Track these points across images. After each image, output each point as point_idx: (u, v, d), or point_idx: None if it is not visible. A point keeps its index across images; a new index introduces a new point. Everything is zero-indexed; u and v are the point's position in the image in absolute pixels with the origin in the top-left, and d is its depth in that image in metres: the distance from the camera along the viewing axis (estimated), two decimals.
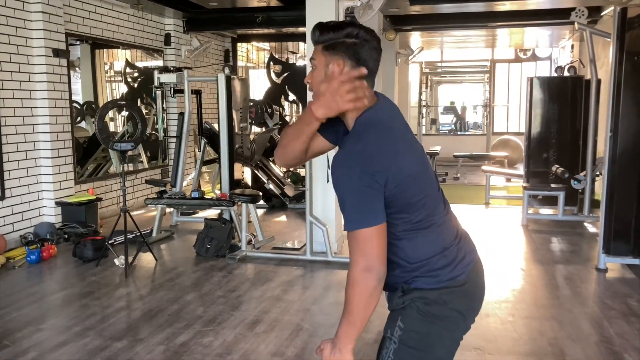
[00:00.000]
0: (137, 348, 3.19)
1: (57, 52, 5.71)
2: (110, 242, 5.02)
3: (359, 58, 1.52)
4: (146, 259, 5.01)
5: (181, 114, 6.41)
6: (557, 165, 6.63)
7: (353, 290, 1.44)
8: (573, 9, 5.96)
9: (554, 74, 8.14)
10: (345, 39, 1.52)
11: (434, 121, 16.75)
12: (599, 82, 6.21)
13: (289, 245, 5.42)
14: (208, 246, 5.10)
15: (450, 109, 17.79)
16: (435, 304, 1.54)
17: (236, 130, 6.22)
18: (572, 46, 10.29)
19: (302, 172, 7.79)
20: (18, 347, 3.19)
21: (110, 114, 8.06)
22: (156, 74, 6.15)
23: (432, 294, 1.54)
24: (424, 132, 13.67)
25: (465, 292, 1.58)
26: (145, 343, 3.25)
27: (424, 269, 1.54)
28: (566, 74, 7.26)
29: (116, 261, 4.73)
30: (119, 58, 8.14)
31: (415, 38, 11.12)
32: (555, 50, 13.11)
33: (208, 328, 3.46)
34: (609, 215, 4.58)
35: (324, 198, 5.17)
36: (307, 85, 1.60)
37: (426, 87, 14.54)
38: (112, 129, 8.11)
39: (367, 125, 1.49)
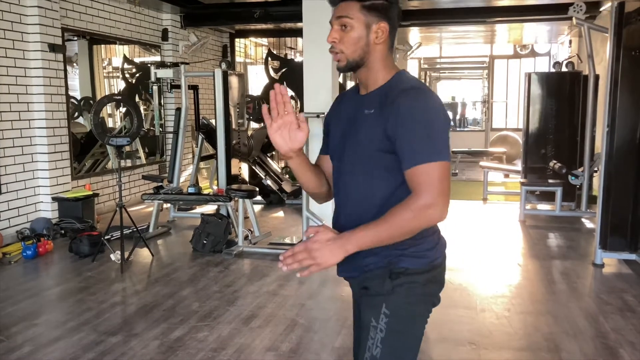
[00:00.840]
0: (131, 343, 3.18)
1: (53, 47, 5.69)
2: (106, 237, 5.02)
3: (392, 18, 1.50)
4: (142, 254, 5.01)
5: (178, 110, 6.40)
6: (554, 161, 6.62)
7: (413, 215, 1.38)
8: (571, 4, 5.94)
9: (552, 70, 8.12)
10: (384, 1, 1.48)
11: None
12: (597, 77, 6.20)
13: (286, 240, 5.41)
14: (205, 242, 5.09)
15: (449, 106, 17.78)
16: (421, 287, 1.52)
17: (233, 126, 6.20)
18: (570, 42, 10.26)
19: None
20: (13, 342, 3.19)
21: (109, 109, 8.07)
22: (153, 69, 6.14)
23: (420, 277, 1.51)
24: None
25: (439, 274, 1.59)
26: (140, 338, 3.25)
27: (414, 248, 1.50)
28: (564, 69, 7.24)
29: (112, 256, 4.73)
30: (117, 54, 8.13)
31: (414, 34, 11.09)
32: (554, 46, 13.08)
33: (203, 323, 3.45)
34: (606, 210, 4.57)
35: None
36: (330, 46, 1.53)
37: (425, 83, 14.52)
38: (110, 124, 8.11)
39: (416, 80, 1.54)
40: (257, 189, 5.63)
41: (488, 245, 5.35)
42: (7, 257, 4.87)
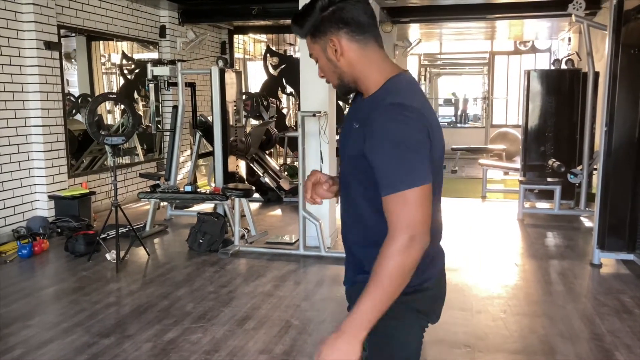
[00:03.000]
0: (124, 345, 3.16)
1: (48, 45, 5.65)
2: (102, 236, 5.00)
3: (347, 22, 1.35)
4: (138, 253, 4.99)
5: (175, 107, 6.37)
6: (553, 159, 6.59)
7: (392, 262, 1.26)
8: (571, 0, 5.89)
9: (552, 67, 8.07)
10: (322, 14, 1.36)
11: None
12: (596, 75, 6.16)
13: (286, 239, 5.38)
14: (201, 241, 5.07)
15: (450, 101, 17.72)
16: (405, 306, 1.40)
17: (231, 123, 6.17)
18: (570, 39, 10.20)
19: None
20: (4, 344, 3.17)
21: (108, 106, 8.04)
22: (149, 67, 6.10)
23: (404, 298, 1.33)
24: None
25: (429, 295, 1.49)
26: (133, 340, 3.23)
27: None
28: (563, 66, 7.19)
29: (107, 256, 4.71)
30: (116, 50, 8.09)
31: (414, 30, 11.02)
32: (555, 42, 13.01)
33: (197, 325, 3.43)
34: (604, 210, 4.54)
35: None
36: (324, 79, 1.48)
37: (425, 79, 14.46)
38: (110, 121, 8.08)
39: (399, 82, 1.39)
40: (254, 188, 5.61)
41: (486, 244, 5.32)
42: (2, 256, 4.86)
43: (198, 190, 5.91)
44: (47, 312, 3.71)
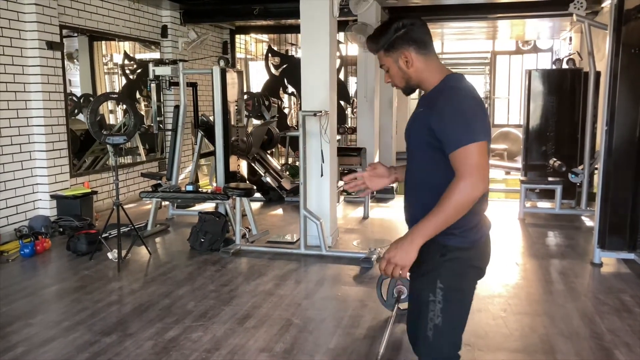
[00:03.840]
0: (126, 343, 3.18)
1: (51, 45, 5.67)
2: (104, 235, 5.02)
3: (415, 40, 1.80)
4: (140, 252, 5.01)
5: (176, 107, 6.39)
6: (554, 159, 6.59)
7: (457, 195, 1.66)
8: (572, 0, 5.89)
9: (553, 67, 8.06)
10: (395, 34, 1.80)
11: None
12: (598, 74, 6.16)
13: (287, 238, 5.40)
14: (202, 240, 5.09)
15: None
16: (466, 261, 1.82)
17: (232, 123, 6.18)
18: (571, 38, 10.20)
19: None
20: (6, 342, 3.19)
21: (110, 106, 8.06)
22: (151, 67, 6.12)
23: (464, 253, 1.80)
24: None
25: (482, 250, 1.89)
26: (134, 338, 3.24)
27: (458, 229, 1.76)
28: (565, 66, 7.19)
29: (109, 255, 4.73)
30: (118, 50, 8.11)
31: None
32: (556, 42, 13.00)
33: (198, 323, 3.45)
34: (604, 209, 4.54)
35: (318, 192, 5.14)
36: (388, 82, 1.92)
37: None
38: (112, 121, 8.10)
39: (457, 78, 1.81)
40: (255, 188, 5.62)
41: None
42: (4, 255, 4.88)
43: (199, 189, 5.92)
44: (49, 311, 3.73)
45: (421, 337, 1.86)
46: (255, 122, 8.74)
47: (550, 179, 6.53)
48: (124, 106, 7.64)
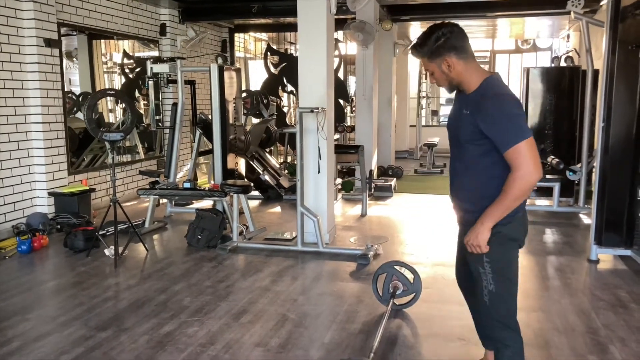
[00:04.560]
0: (121, 338, 3.18)
1: (48, 42, 5.68)
2: (101, 232, 5.03)
3: (455, 47, 2.08)
4: (137, 249, 5.01)
5: (174, 105, 6.39)
6: (552, 156, 6.58)
7: (518, 183, 1.98)
8: None
9: (551, 65, 8.06)
10: (437, 43, 2.08)
11: (435, 112, 16.67)
12: (596, 72, 6.15)
13: (286, 235, 5.40)
14: (199, 237, 5.09)
15: (451, 101, 17.69)
16: (507, 235, 2.12)
17: (230, 121, 6.19)
18: (568, 36, 10.20)
19: None
20: (2, 337, 3.19)
21: (109, 104, 8.07)
22: (149, 64, 6.12)
23: (505, 228, 2.09)
24: (423, 123, 13.60)
25: (520, 224, 2.16)
26: (129, 333, 3.25)
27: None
28: (563, 64, 7.19)
29: (106, 251, 4.73)
30: (117, 49, 8.12)
31: (415, 28, 11.04)
32: (555, 40, 13.00)
33: (194, 318, 3.45)
34: (601, 206, 4.54)
35: (315, 189, 5.15)
36: (433, 82, 2.24)
37: (426, 78, 14.43)
38: (111, 120, 8.11)
39: (495, 81, 2.09)
40: (252, 185, 5.63)
41: None
42: (2, 251, 4.89)
43: (197, 187, 5.93)
44: (45, 306, 3.73)
45: (481, 302, 2.23)
46: (254, 120, 8.74)
47: (548, 176, 6.52)
48: (123, 105, 7.68)
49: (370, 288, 3.73)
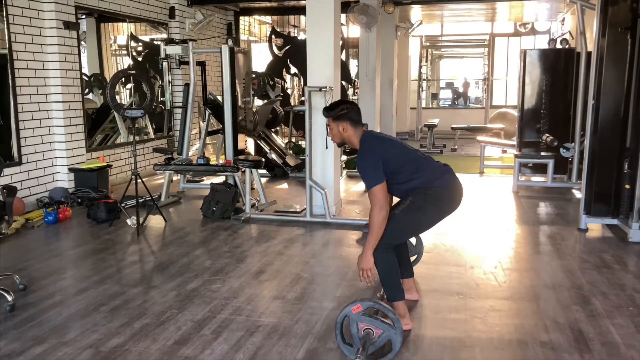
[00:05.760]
0: (151, 293, 3.52)
1: (67, 25, 5.96)
2: (122, 205, 5.35)
3: (350, 118, 2.99)
4: (156, 220, 5.34)
5: (187, 85, 6.67)
6: (547, 135, 6.89)
7: (375, 219, 2.80)
8: None
9: (547, 47, 8.32)
10: (341, 112, 2.99)
11: (435, 96, 16.93)
12: (589, 54, 6.40)
13: (296, 207, 5.70)
14: (214, 209, 5.42)
15: (451, 84, 17.92)
16: (426, 193, 2.90)
17: (239, 103, 6.48)
18: (564, 19, 10.44)
19: (303, 143, 8.07)
20: (44, 292, 3.53)
21: (116, 87, 8.32)
22: (162, 46, 6.40)
23: (427, 190, 2.90)
24: (423, 105, 13.88)
25: (443, 192, 2.93)
26: (159, 289, 3.58)
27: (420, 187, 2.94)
28: (558, 46, 7.46)
29: (128, 221, 5.06)
30: (124, 32, 8.36)
31: (416, 11, 11.27)
32: (554, 24, 13.23)
33: (216, 277, 3.79)
34: (591, 178, 4.86)
35: (323, 164, 5.46)
36: (330, 137, 3.13)
37: (426, 61, 14.69)
38: (117, 101, 8.36)
39: (364, 140, 2.97)
40: (263, 160, 5.93)
41: (480, 213, 5.65)
42: (30, 222, 5.21)
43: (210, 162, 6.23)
44: (78, 268, 4.07)
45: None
46: (259, 102, 9.01)
47: (542, 153, 6.84)
48: (132, 87, 7.96)
49: None
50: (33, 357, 2.69)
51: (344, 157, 7.58)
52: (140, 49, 8.63)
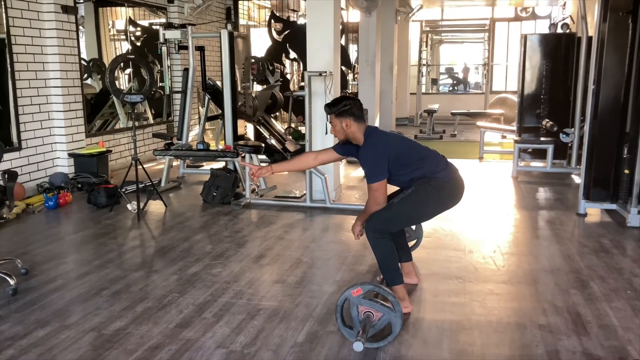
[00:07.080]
0: (153, 277, 3.54)
1: (65, 9, 5.92)
2: (122, 190, 5.36)
3: (353, 113, 2.96)
4: (156, 205, 5.36)
5: (186, 70, 6.65)
6: (547, 120, 6.88)
7: (371, 206, 2.94)
8: None
9: (548, 32, 8.28)
10: (344, 108, 2.95)
11: (434, 81, 16.86)
12: (590, 39, 6.39)
13: (296, 193, 5.72)
14: (214, 194, 5.43)
15: (451, 70, 17.84)
16: (429, 184, 2.94)
17: (239, 88, 6.46)
18: (565, 4, 10.38)
19: (302, 129, 8.06)
20: (46, 276, 3.55)
21: (115, 72, 8.28)
22: (161, 30, 6.36)
23: (430, 181, 2.94)
24: (423, 90, 13.84)
25: (446, 186, 2.98)
26: (160, 273, 3.61)
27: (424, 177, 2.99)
28: (559, 31, 7.42)
29: (129, 206, 5.07)
30: (122, 16, 8.31)
31: None
32: (554, 9, 13.15)
33: (217, 261, 3.81)
34: (590, 163, 4.88)
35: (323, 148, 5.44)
36: (333, 133, 3.10)
37: (426, 46, 14.61)
38: (117, 86, 8.33)
39: (369, 133, 2.98)
40: (263, 145, 5.92)
41: (479, 198, 5.67)
42: (30, 207, 5.22)
43: (209, 148, 6.23)
44: (79, 252, 4.09)
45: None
46: (258, 87, 8.98)
47: (542, 139, 6.84)
48: (130, 72, 7.92)
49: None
50: (36, 339, 2.72)
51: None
52: (139, 33, 8.60)
